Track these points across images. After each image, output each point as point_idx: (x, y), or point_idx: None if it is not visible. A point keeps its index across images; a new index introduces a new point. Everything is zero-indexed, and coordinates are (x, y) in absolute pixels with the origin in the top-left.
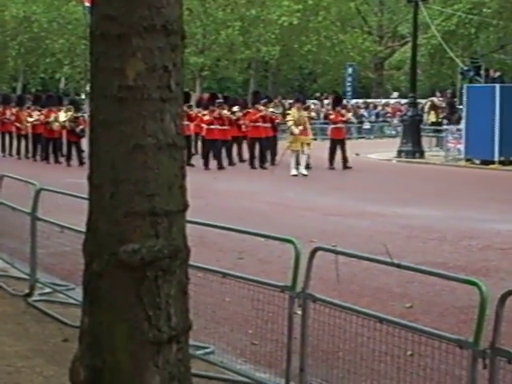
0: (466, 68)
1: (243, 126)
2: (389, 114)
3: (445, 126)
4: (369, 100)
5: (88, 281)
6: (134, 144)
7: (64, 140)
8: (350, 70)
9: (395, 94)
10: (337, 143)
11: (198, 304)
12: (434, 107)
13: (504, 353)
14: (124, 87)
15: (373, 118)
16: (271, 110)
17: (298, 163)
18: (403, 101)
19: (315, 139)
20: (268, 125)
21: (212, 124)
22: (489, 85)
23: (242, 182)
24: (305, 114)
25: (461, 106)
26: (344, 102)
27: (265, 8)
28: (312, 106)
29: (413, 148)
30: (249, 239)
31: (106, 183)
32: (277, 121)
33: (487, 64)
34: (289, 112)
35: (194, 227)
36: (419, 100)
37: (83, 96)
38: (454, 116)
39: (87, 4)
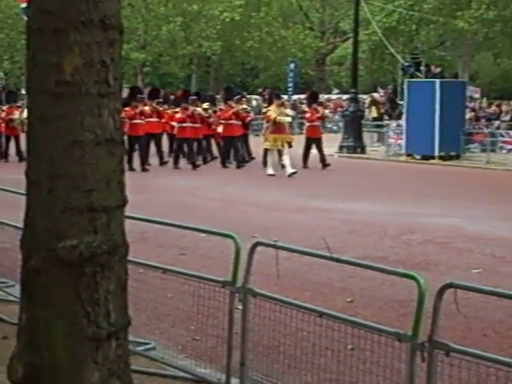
0: (406, 64)
1: (213, 124)
2: (330, 110)
3: (386, 122)
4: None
5: (26, 277)
6: (72, 139)
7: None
8: (291, 66)
9: (336, 90)
10: (312, 142)
11: (139, 300)
12: (374, 103)
13: (442, 345)
14: (61, 82)
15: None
16: (244, 107)
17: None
18: (345, 96)
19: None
20: (240, 122)
21: (184, 122)
22: (429, 80)
23: (183, 178)
24: (285, 110)
25: (402, 102)
26: (285, 97)
27: (206, 3)
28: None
29: (354, 143)
30: (190, 235)
31: (43, 179)
32: (248, 118)
33: (428, 60)
34: (269, 109)
35: (135, 223)
36: (360, 96)
37: (23, 91)
38: (395, 111)
39: (23, 5)
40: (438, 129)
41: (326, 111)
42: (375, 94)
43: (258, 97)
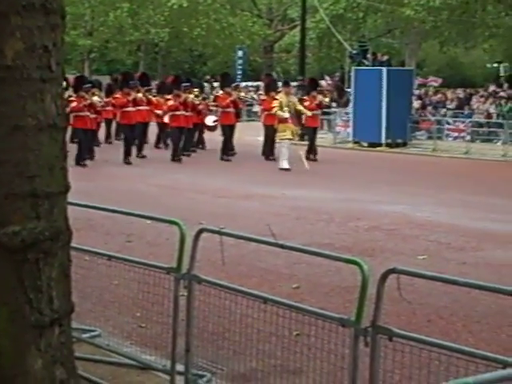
0: (354, 51)
1: (202, 113)
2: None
3: (333, 109)
4: (259, 83)
5: None
6: (14, 125)
7: None
8: (240, 53)
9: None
10: (310, 132)
11: (85, 287)
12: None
13: (385, 330)
14: (2, 67)
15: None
16: (242, 94)
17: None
18: (293, 84)
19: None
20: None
21: (177, 110)
22: (376, 68)
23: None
24: (294, 99)
25: (349, 89)
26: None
27: None
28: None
29: (302, 131)
30: (137, 222)
31: None
32: (240, 106)
33: (375, 48)
34: (276, 97)
35: (82, 210)
36: None
37: None
38: (342, 99)
39: None
40: (385, 116)
41: (326, 99)
42: (322, 82)
43: (206, 84)
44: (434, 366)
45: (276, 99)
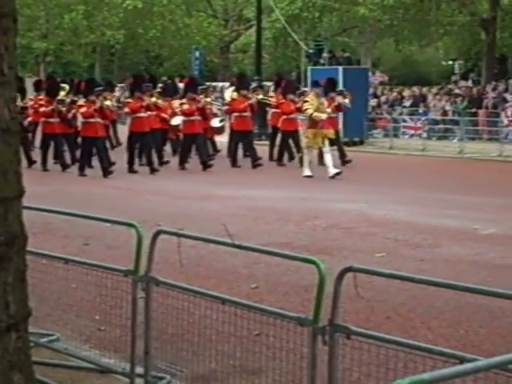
0: (311, 51)
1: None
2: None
3: None
4: (215, 83)
5: None
6: None
7: None
8: (196, 54)
9: None
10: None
11: (43, 291)
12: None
13: (343, 328)
14: None
15: (220, 101)
16: (260, 97)
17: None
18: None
19: None
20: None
21: (192, 115)
22: (332, 67)
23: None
24: (324, 101)
25: (306, 89)
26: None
27: None
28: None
29: (259, 130)
30: (95, 225)
31: None
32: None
33: (330, 47)
34: (306, 99)
35: (40, 214)
36: (265, 83)
37: None
38: (299, 98)
39: None
40: (342, 115)
41: (346, 100)
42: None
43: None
44: (392, 362)
45: (306, 101)
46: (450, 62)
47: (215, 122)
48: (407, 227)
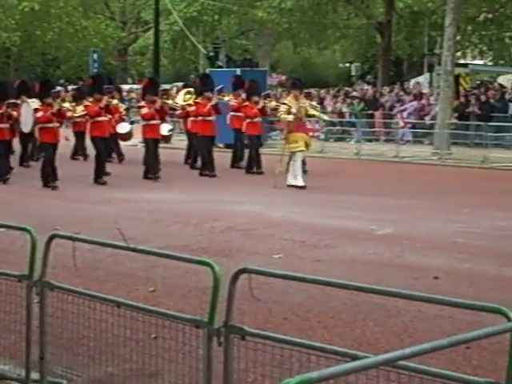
0: (212, 53)
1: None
2: (134, 100)
3: None
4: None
5: None
6: None
7: None
8: (94, 56)
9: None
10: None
11: None
12: (179, 91)
13: (237, 330)
14: None
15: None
16: (272, 104)
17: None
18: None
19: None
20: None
21: (154, 119)
22: (230, 69)
23: None
24: (305, 103)
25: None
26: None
27: None
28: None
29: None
30: None
31: None
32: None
33: (229, 49)
34: (284, 102)
35: None
36: (164, 85)
37: None
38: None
39: None
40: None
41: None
42: (179, 84)
43: (60, 88)
44: (288, 363)
45: (283, 103)
46: (347, 65)
47: (164, 130)
48: (305, 228)
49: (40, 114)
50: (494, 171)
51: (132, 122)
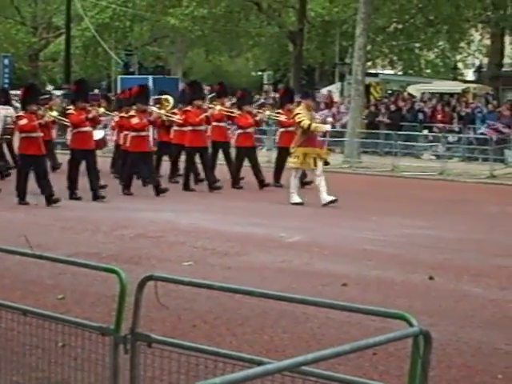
0: (122, 60)
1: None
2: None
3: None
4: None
5: None
6: None
7: None
8: (5, 61)
9: (50, 87)
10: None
11: None
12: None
13: (144, 337)
14: None
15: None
16: (267, 113)
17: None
18: (58, 92)
19: None
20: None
21: (143, 130)
22: (142, 76)
23: None
24: (316, 115)
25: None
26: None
27: None
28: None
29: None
30: None
31: None
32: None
33: (141, 56)
34: (297, 112)
35: None
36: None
37: None
38: (110, 107)
39: None
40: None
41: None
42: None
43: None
44: (195, 370)
45: (297, 113)
46: (260, 73)
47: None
48: (215, 236)
49: (24, 121)
50: (403, 179)
51: (105, 127)
